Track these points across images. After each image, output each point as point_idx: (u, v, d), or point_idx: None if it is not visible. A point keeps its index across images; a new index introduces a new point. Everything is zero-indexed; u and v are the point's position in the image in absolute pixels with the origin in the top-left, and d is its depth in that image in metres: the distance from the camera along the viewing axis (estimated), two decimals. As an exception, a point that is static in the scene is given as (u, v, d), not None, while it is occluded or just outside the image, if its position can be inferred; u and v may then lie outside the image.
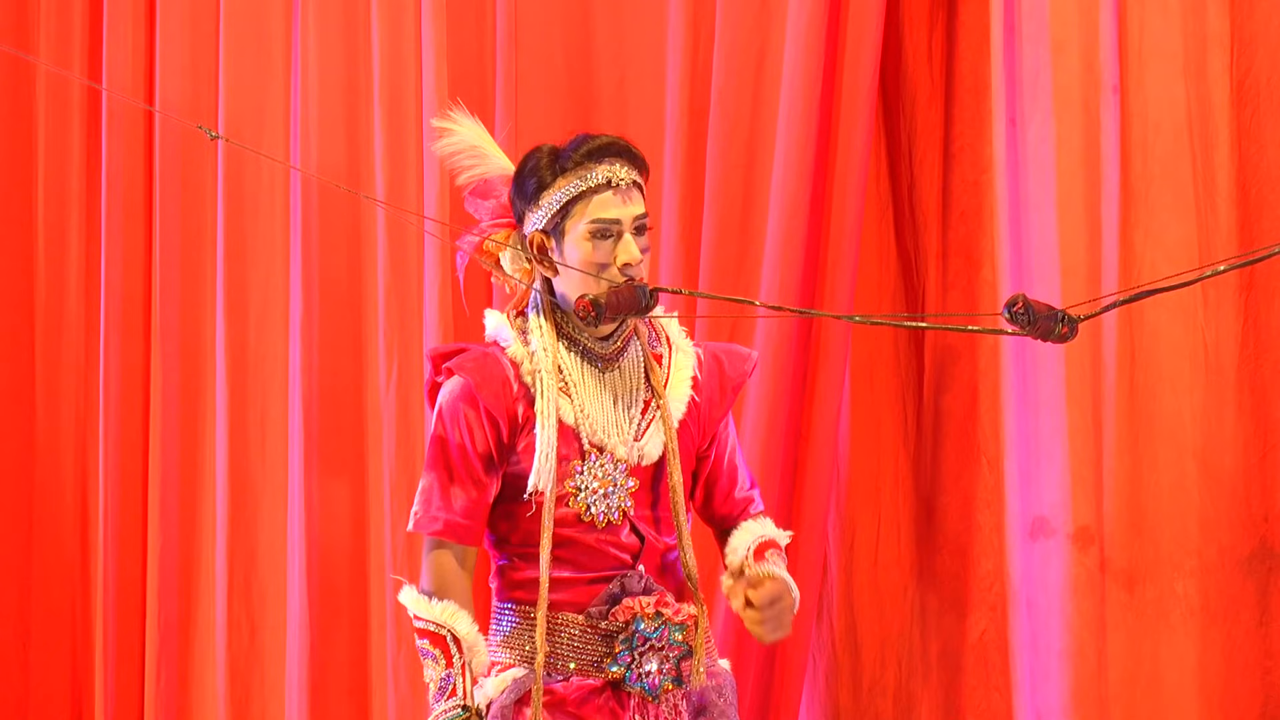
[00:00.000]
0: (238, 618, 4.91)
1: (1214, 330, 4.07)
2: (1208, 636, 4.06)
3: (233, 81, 4.93)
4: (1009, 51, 4.21)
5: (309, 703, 4.76)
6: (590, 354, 3.08)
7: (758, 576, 3.02)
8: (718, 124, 4.37)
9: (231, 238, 4.93)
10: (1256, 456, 4.06)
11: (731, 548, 3.19)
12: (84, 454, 5.15)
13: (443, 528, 3.04)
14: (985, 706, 4.25)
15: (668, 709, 3.09)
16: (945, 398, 4.34)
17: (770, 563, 3.12)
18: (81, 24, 5.14)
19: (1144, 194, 4.10)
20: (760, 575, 3.02)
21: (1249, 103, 4.07)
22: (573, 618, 3.06)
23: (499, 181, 3.17)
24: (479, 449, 3.03)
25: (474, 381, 3.03)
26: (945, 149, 4.35)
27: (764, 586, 2.99)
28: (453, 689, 2.99)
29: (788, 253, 4.26)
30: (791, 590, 3.06)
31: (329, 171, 4.74)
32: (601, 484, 3.06)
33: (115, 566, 5.01)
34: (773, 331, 4.26)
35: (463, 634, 3.01)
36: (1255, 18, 4.06)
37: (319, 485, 4.77)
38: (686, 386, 3.13)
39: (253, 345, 4.93)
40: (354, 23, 4.82)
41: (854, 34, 4.26)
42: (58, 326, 5.16)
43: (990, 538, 4.25)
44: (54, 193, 5.17)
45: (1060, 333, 2.51)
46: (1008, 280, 4.20)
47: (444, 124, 3.20)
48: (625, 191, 3.03)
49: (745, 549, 3.15)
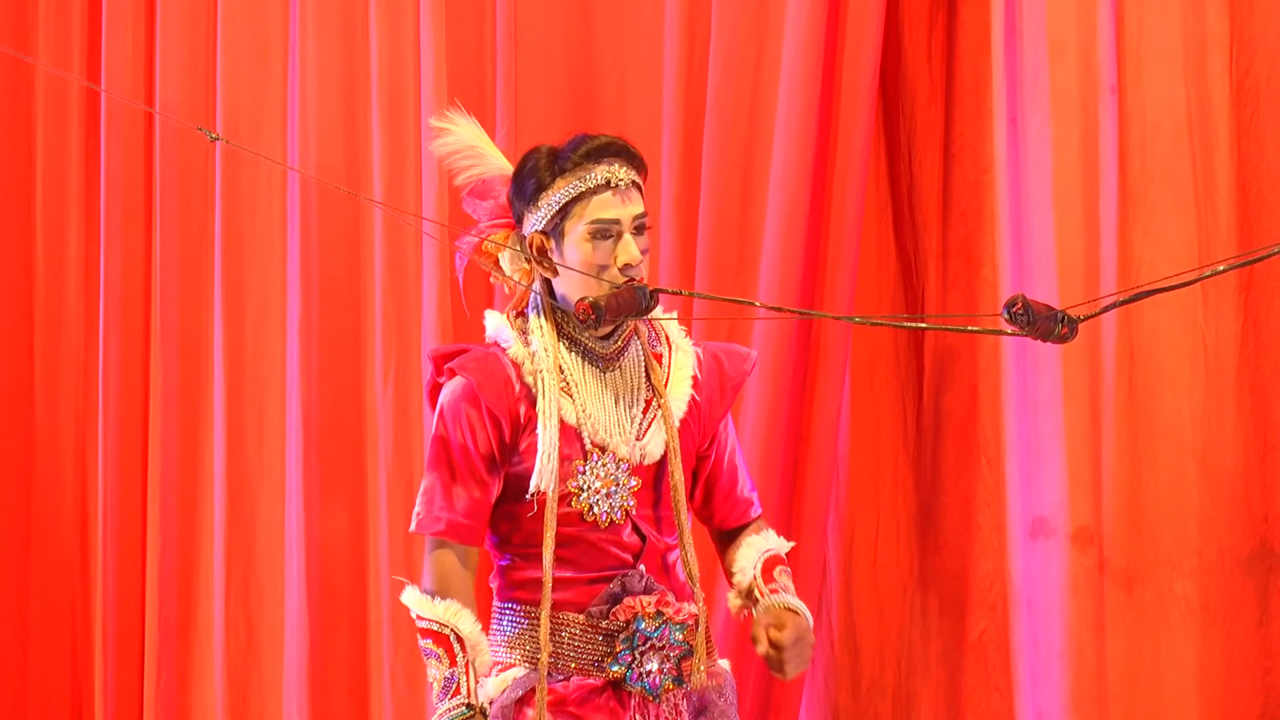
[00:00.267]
0: (236, 617, 4.91)
1: (1214, 330, 4.07)
2: (1208, 636, 4.05)
3: (231, 82, 4.93)
4: (1009, 51, 4.20)
5: (307, 702, 4.76)
6: (591, 354, 3.08)
7: (779, 614, 3.04)
8: (714, 123, 4.36)
9: (230, 238, 4.93)
10: (1256, 456, 4.06)
11: (739, 566, 3.19)
12: (83, 453, 5.15)
13: (445, 528, 3.04)
14: (985, 706, 4.25)
15: (668, 709, 3.09)
16: (945, 398, 4.34)
17: (781, 585, 3.13)
18: (80, 25, 5.15)
19: (1143, 194, 4.10)
20: (781, 612, 3.05)
21: (1248, 103, 4.06)
22: (573, 617, 3.06)
23: (497, 182, 3.16)
24: (481, 449, 3.03)
25: (476, 381, 3.02)
26: (945, 149, 4.35)
27: (787, 627, 3.02)
28: (456, 688, 2.99)
29: (787, 253, 4.26)
30: (808, 619, 3.09)
31: (327, 172, 4.74)
32: (604, 484, 3.06)
33: (114, 566, 5.01)
34: (772, 332, 4.26)
35: (466, 633, 3.01)
36: (1255, 18, 4.06)
37: (317, 485, 4.77)
38: (687, 386, 3.13)
39: (251, 345, 4.93)
40: (352, 23, 4.81)
41: (854, 34, 4.26)
42: (57, 327, 5.16)
43: (990, 538, 4.25)
44: (53, 193, 5.17)
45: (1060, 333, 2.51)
46: (1008, 280, 4.20)
47: (441, 124, 3.19)
48: (624, 192, 3.02)
49: (753, 568, 3.16)
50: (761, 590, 3.13)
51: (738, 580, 3.18)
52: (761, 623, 3.06)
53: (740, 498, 3.24)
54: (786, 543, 3.24)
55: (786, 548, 3.23)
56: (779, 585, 3.14)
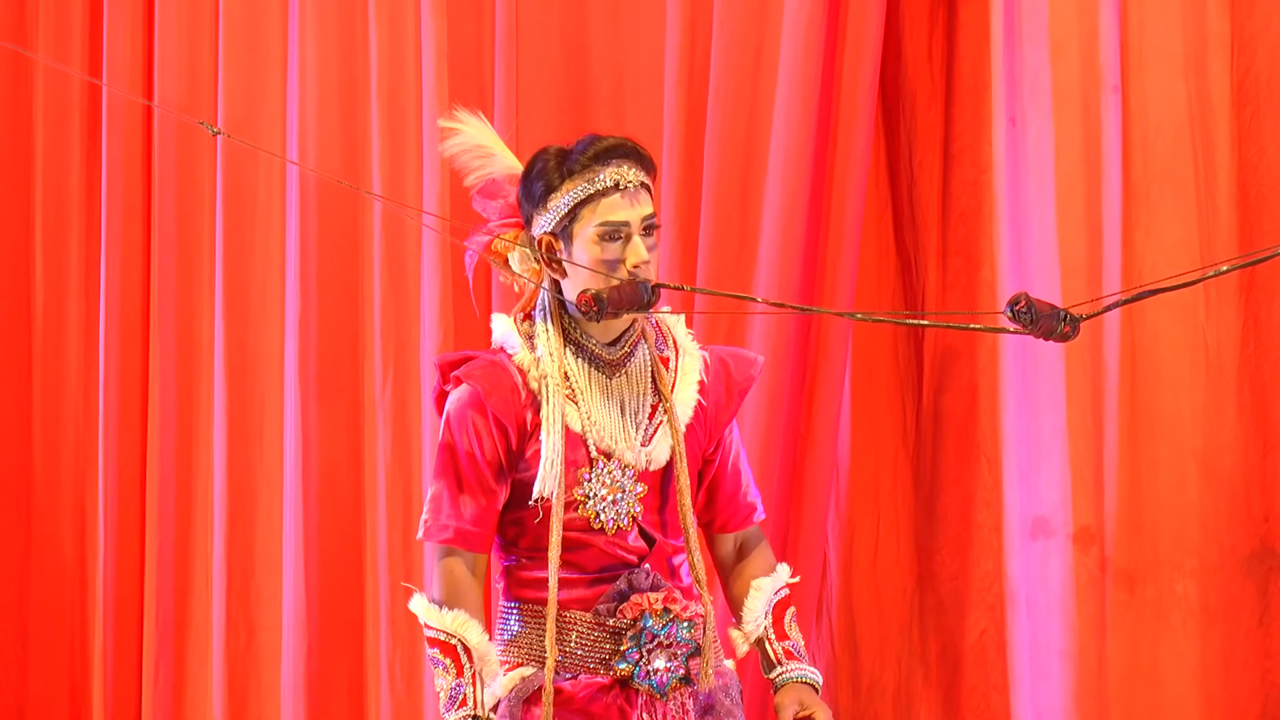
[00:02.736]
0: (235, 618, 4.91)
1: (1215, 330, 4.07)
2: (1208, 636, 4.06)
3: (231, 79, 4.93)
4: (1009, 51, 4.20)
5: (306, 703, 4.75)
6: (597, 359, 3.07)
7: (804, 696, 3.08)
8: (715, 123, 4.36)
9: (230, 236, 4.92)
10: (1256, 456, 4.06)
11: (749, 615, 3.18)
12: (82, 453, 5.14)
13: (453, 535, 3.03)
14: (985, 706, 4.25)
15: (675, 707, 3.08)
16: (945, 397, 4.34)
17: (794, 641, 3.15)
18: (81, 20, 5.14)
19: (1144, 194, 4.10)
20: (805, 692, 3.09)
21: (1249, 103, 4.07)
22: (580, 615, 3.06)
23: (506, 181, 3.15)
24: (488, 456, 3.03)
25: (483, 389, 3.02)
26: (945, 149, 4.35)
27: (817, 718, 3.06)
28: (463, 699, 2.98)
29: (787, 253, 4.25)
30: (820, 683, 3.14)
31: (327, 170, 4.74)
32: (610, 490, 3.06)
33: (113, 566, 5.01)
34: (773, 331, 4.25)
35: (474, 643, 3.00)
36: (1255, 18, 4.06)
37: (316, 484, 4.76)
38: (693, 390, 3.12)
39: (251, 344, 4.92)
40: (352, 20, 4.81)
41: (854, 34, 4.25)
42: (56, 324, 5.16)
43: (990, 538, 4.25)
44: (53, 189, 5.17)
45: (1062, 332, 2.51)
46: (1008, 280, 4.20)
47: (451, 123, 3.19)
48: (633, 193, 3.01)
49: (765, 615, 3.16)
50: (776, 653, 3.14)
51: (748, 629, 3.17)
52: (788, 708, 3.07)
53: (742, 503, 3.23)
54: (791, 576, 3.23)
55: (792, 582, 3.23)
56: (793, 644, 3.15)
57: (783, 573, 3.22)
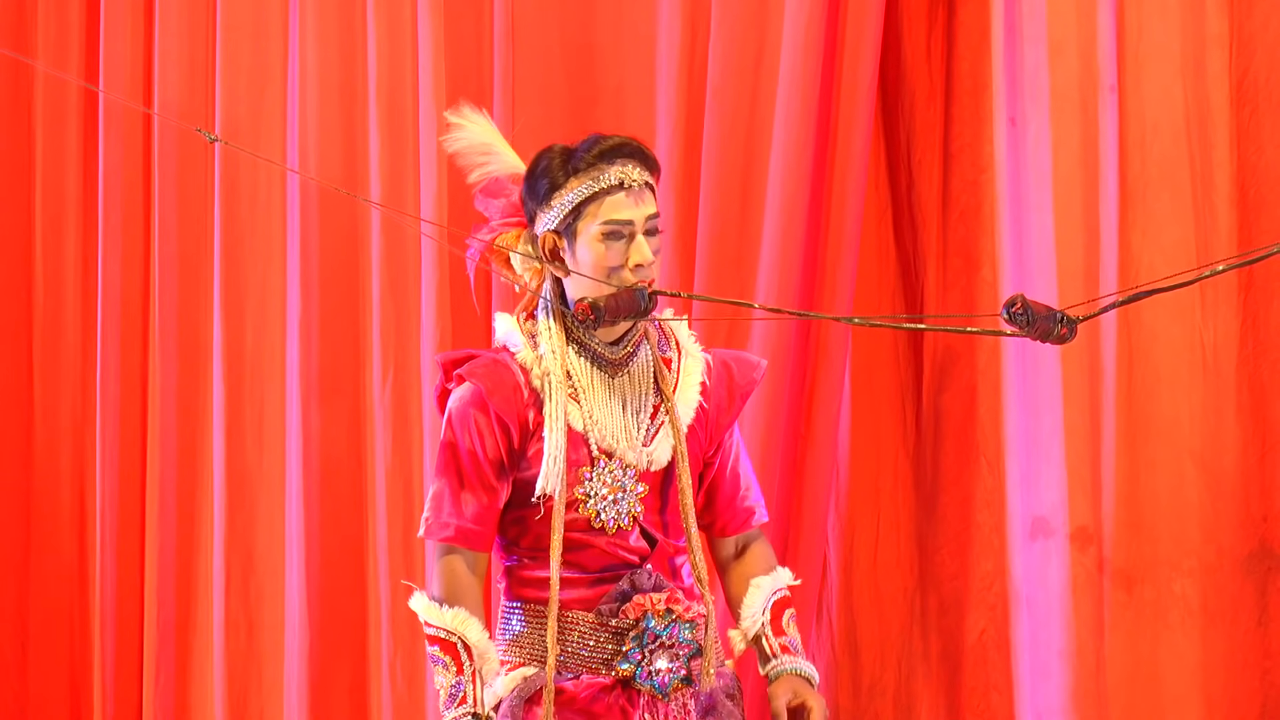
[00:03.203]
0: (236, 617, 4.91)
1: (1213, 330, 4.07)
2: (1207, 636, 4.06)
3: (230, 84, 4.93)
4: (1009, 51, 4.21)
5: (307, 703, 4.76)
6: (600, 359, 3.08)
7: (800, 688, 3.08)
8: (714, 123, 4.36)
9: (229, 239, 4.92)
10: (1256, 456, 4.06)
11: (747, 612, 3.18)
12: (82, 454, 5.15)
13: (454, 534, 3.04)
14: (985, 706, 4.25)
15: (677, 708, 3.09)
16: (945, 398, 4.34)
17: (790, 638, 3.15)
18: (79, 26, 5.14)
19: (1142, 194, 4.10)
20: (800, 685, 3.09)
21: (1248, 103, 4.07)
22: (582, 615, 3.06)
23: (509, 180, 3.16)
24: (490, 455, 3.03)
25: (485, 387, 3.02)
26: (945, 149, 4.35)
27: (814, 713, 3.06)
28: (463, 696, 2.98)
29: (786, 253, 4.25)
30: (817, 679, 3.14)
31: (326, 173, 4.74)
32: (611, 490, 3.06)
33: (114, 566, 5.01)
34: (772, 332, 4.25)
35: (474, 641, 3.00)
36: (1254, 18, 4.06)
37: (317, 484, 4.77)
38: (695, 392, 3.13)
39: (250, 346, 4.92)
40: (351, 24, 4.81)
41: (854, 34, 4.25)
42: (56, 327, 5.16)
43: (990, 538, 4.25)
44: (52, 194, 5.17)
45: (1059, 333, 2.51)
46: (1007, 280, 4.20)
47: (455, 120, 3.19)
48: (638, 192, 3.02)
49: (763, 612, 3.16)
50: (773, 647, 3.14)
51: (745, 626, 3.17)
52: (781, 697, 3.07)
53: (742, 506, 3.23)
54: (792, 578, 3.24)
55: (793, 584, 3.23)
56: (789, 640, 3.15)
57: (783, 575, 3.23)
